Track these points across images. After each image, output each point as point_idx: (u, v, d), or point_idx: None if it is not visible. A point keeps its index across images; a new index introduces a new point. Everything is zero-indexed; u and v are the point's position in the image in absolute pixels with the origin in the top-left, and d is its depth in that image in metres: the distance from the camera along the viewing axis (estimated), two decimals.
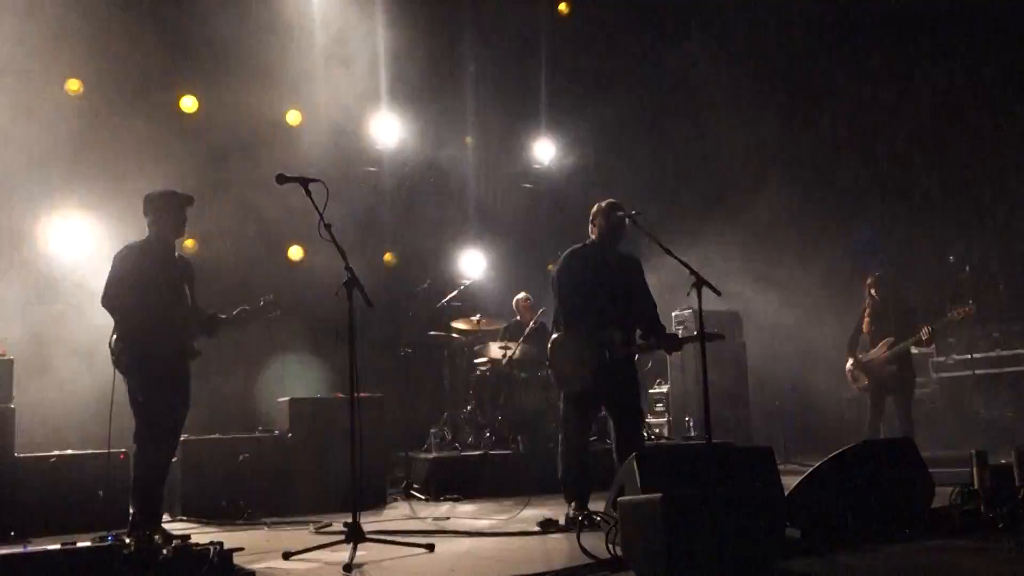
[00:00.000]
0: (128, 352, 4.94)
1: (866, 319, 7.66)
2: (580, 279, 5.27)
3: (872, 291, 7.63)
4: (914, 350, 7.63)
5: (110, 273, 5.06)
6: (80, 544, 3.46)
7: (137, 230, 5.38)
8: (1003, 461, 4.46)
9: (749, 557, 3.48)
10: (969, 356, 8.91)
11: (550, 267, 6.65)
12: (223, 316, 5.36)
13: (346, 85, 9.03)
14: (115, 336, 5.00)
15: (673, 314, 8.89)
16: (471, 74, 10.32)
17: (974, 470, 4.20)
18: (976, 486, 4.22)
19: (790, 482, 4.41)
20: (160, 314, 5.03)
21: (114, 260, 5.10)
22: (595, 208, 5.44)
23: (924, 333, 7.20)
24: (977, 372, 8.99)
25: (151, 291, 5.02)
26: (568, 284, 5.28)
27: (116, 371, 4.99)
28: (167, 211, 5.19)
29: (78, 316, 6.79)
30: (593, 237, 5.41)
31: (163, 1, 8.43)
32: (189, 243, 7.81)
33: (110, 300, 5.01)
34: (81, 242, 7.67)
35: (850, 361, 7.68)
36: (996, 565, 3.61)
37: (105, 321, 5.09)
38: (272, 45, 8.63)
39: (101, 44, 7.81)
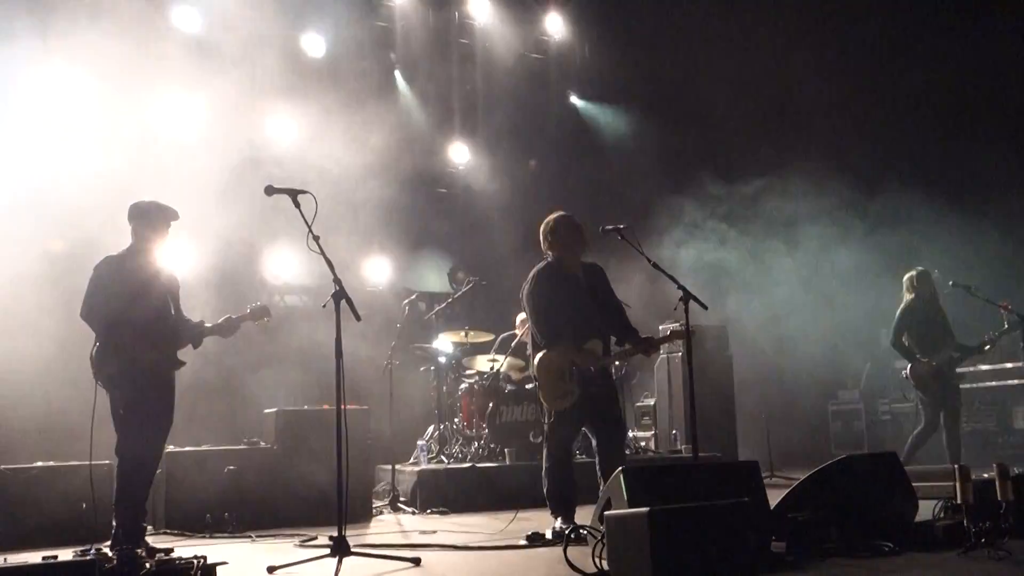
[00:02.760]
0: (112, 363, 4.86)
1: (914, 318, 7.24)
2: (553, 297, 5.28)
3: (921, 288, 7.25)
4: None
5: (90, 284, 4.97)
6: (62, 557, 3.43)
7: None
8: (986, 476, 4.48)
9: (734, 571, 3.49)
10: None
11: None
12: (208, 325, 5.32)
13: None
14: (96, 347, 4.92)
15: (660, 327, 8.92)
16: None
17: (957, 484, 4.21)
18: (959, 500, 4.23)
19: (775, 496, 4.42)
20: (145, 324, 4.96)
21: (94, 271, 5.00)
22: (550, 223, 5.39)
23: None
24: (962, 386, 9.03)
25: (135, 301, 4.95)
26: (543, 304, 5.29)
27: (97, 383, 4.91)
28: (153, 222, 5.14)
29: (60, 327, 6.72)
30: (554, 253, 5.37)
31: None
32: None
33: (91, 311, 4.92)
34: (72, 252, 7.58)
35: (929, 364, 7.18)
36: None
37: (86, 332, 5.01)
38: None
39: None
